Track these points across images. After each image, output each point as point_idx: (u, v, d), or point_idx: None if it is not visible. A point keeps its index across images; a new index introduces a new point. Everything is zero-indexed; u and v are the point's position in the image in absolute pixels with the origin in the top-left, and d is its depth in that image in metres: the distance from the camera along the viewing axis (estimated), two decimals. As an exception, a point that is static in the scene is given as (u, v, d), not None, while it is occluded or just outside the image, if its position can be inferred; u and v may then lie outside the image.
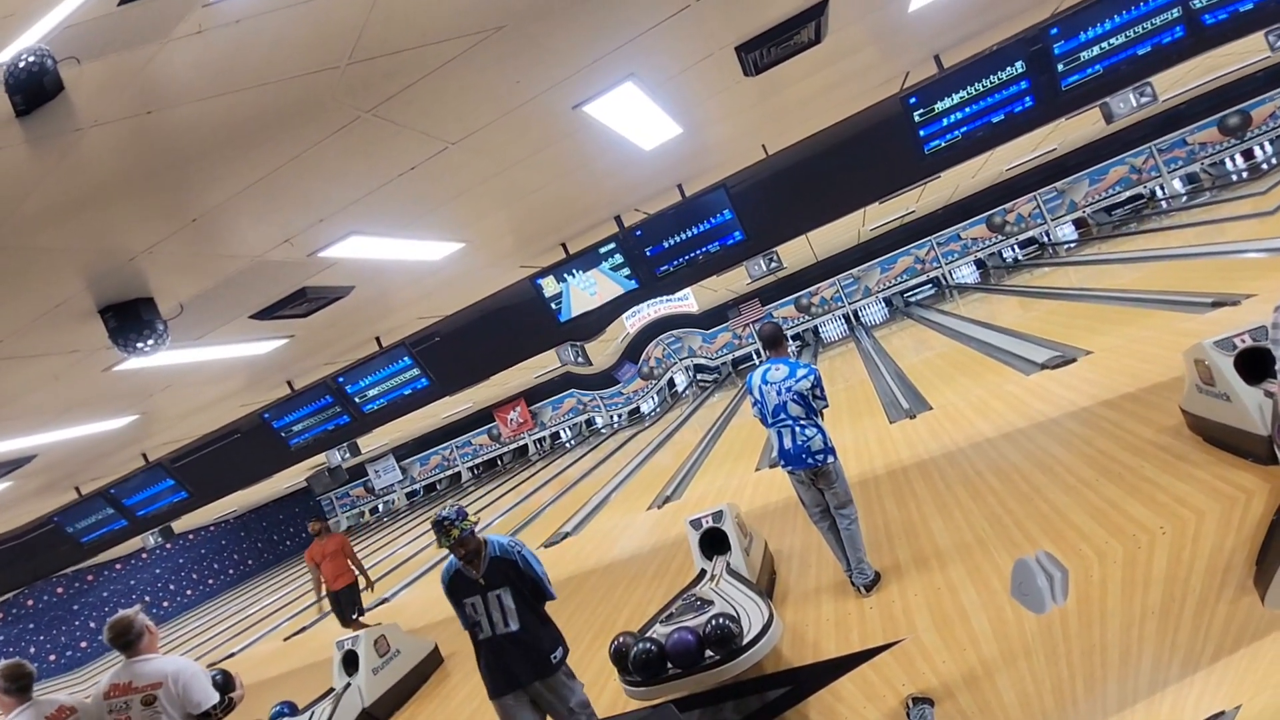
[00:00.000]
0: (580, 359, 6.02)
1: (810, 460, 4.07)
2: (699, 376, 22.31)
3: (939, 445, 6.25)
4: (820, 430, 4.12)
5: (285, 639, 10.07)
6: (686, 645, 3.37)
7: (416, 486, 25.77)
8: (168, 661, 3.16)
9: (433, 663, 5.78)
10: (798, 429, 4.10)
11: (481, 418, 24.11)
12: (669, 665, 3.39)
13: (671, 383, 22.66)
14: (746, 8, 2.97)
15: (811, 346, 20.00)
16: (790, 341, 4.30)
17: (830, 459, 4.10)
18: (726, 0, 2.80)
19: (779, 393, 4.16)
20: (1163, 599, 2.99)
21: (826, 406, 4.23)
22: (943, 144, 4.57)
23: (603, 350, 16.37)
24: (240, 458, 6.93)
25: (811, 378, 4.16)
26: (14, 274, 2.64)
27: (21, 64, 1.70)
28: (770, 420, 4.21)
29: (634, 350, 22.09)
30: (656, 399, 22.76)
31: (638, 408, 22.83)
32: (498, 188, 3.89)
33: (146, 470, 7.02)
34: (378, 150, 2.87)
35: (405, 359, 5.94)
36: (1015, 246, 19.83)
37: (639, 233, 5.15)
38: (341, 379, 6.13)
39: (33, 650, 17.59)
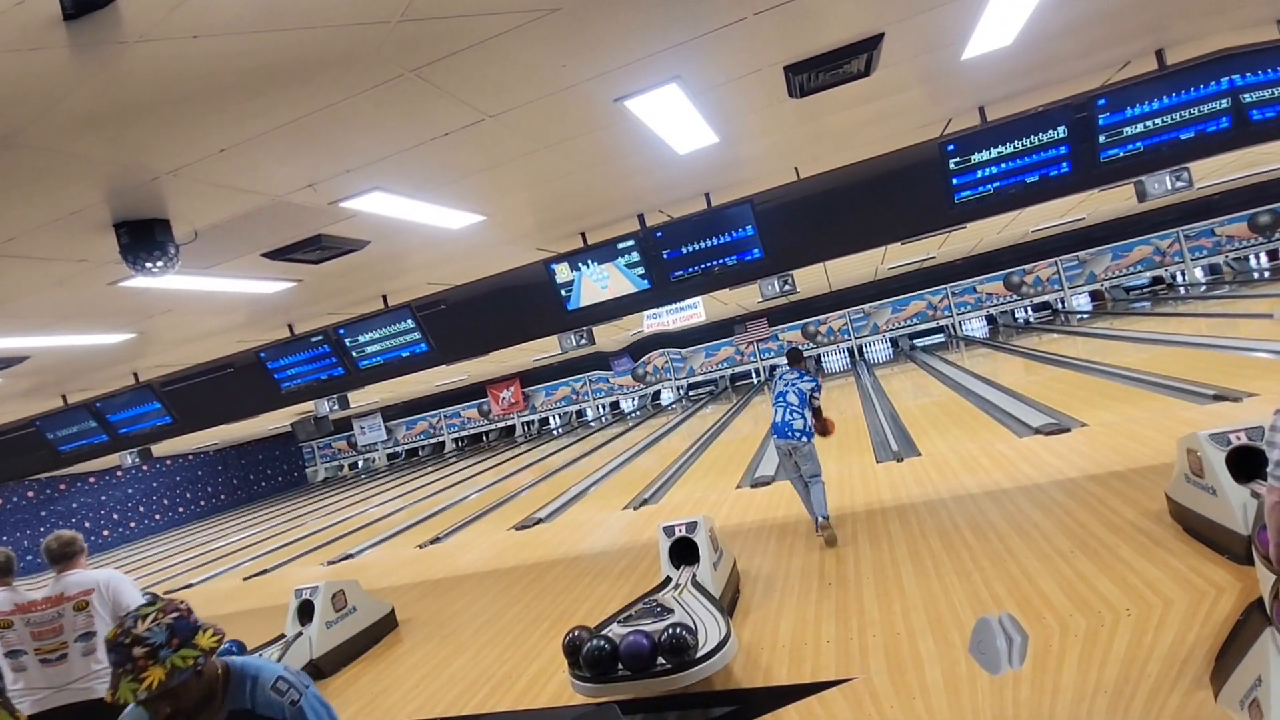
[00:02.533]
0: (583, 341, 6.03)
1: (790, 435, 5.48)
2: (690, 393, 22.36)
3: (921, 492, 6.25)
4: (804, 419, 5.52)
5: (245, 578, 10.07)
6: (640, 649, 3.37)
7: (399, 449, 25.81)
8: (96, 572, 3.43)
9: (386, 625, 5.78)
10: (789, 412, 5.54)
11: (474, 392, 24.14)
12: (619, 666, 3.39)
13: (657, 394, 22.80)
14: (802, 30, 2.97)
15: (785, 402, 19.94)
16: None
17: (805, 440, 5.47)
18: (783, 19, 2.80)
19: (786, 385, 5.71)
20: (1117, 680, 2.99)
21: (819, 404, 5.63)
22: (973, 195, 4.58)
23: (611, 335, 16.36)
24: (230, 392, 6.95)
25: (812, 384, 5.69)
26: (37, 174, 2.64)
27: (77, -32, 1.70)
28: (774, 401, 5.73)
29: (639, 349, 22.14)
30: (638, 401, 22.89)
31: (618, 402, 22.96)
32: (527, 167, 3.90)
33: (135, 390, 7.04)
34: (415, 111, 2.87)
35: (408, 321, 5.95)
36: (1028, 308, 19.86)
37: (660, 234, 5.15)
38: (342, 331, 6.14)
39: (-6, 549, 17.59)
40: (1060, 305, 19.33)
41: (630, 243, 5.20)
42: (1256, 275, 17.10)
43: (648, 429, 16.95)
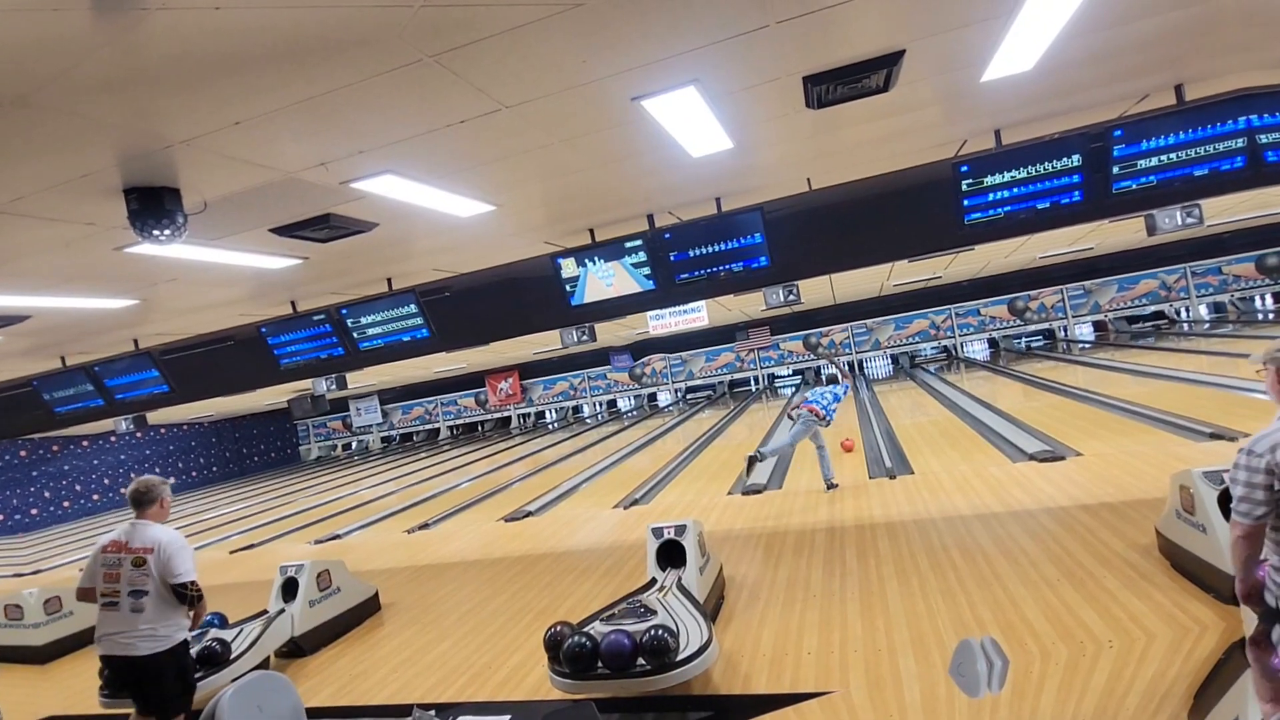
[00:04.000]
0: (585, 337, 6.03)
1: (825, 411, 7.29)
2: (688, 396, 22.41)
3: (912, 510, 6.25)
4: (825, 410, 7.27)
5: (231, 551, 10.07)
6: (620, 648, 3.37)
7: (393, 433, 25.81)
8: (162, 531, 3.47)
9: (369, 608, 5.78)
10: (824, 400, 7.35)
11: (472, 381, 24.15)
12: (599, 664, 3.39)
13: (654, 395, 22.89)
14: (823, 41, 2.97)
15: (810, 385, 20.01)
16: (825, 384, 8.12)
17: (829, 416, 7.32)
18: (805, 29, 2.80)
19: (824, 389, 7.55)
20: (1095, 711, 2.99)
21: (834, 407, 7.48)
22: (983, 218, 4.58)
23: (615, 332, 16.37)
24: (229, 364, 6.95)
25: (844, 388, 7.68)
26: (51, 135, 2.64)
27: (104, -68, 1.70)
28: (810, 396, 7.49)
29: (640, 349, 22.16)
30: (635, 401, 22.96)
31: (615, 401, 23.02)
32: (540, 160, 3.90)
33: (134, 356, 7.04)
34: (432, 96, 2.87)
35: (411, 305, 5.95)
36: (1028, 333, 19.90)
37: (668, 235, 5.16)
38: (345, 311, 6.14)
39: (-18, 506, 17.61)
40: (1063, 333, 19.33)
41: (638, 242, 5.19)
42: (1261, 316, 17.10)
43: (643, 429, 16.95)
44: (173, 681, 3.45)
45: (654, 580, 4.45)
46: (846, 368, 7.17)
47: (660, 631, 3.40)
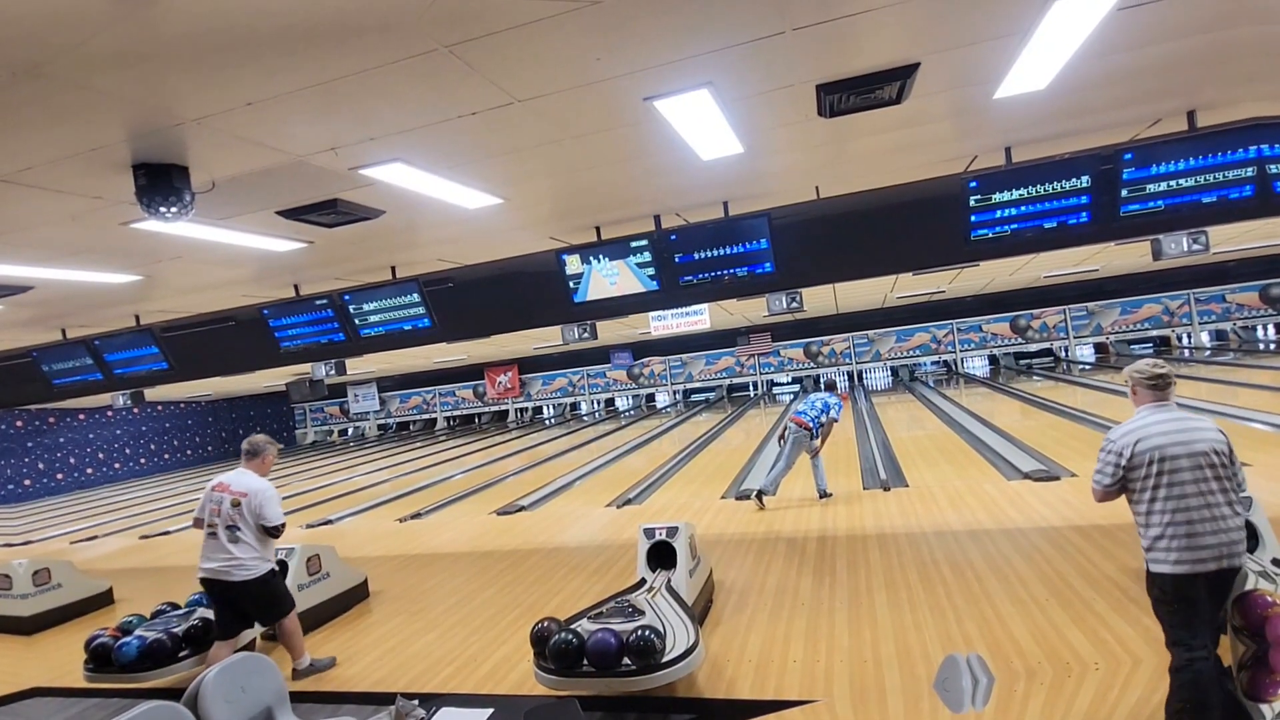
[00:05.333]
0: (585, 334, 6.03)
1: (812, 424, 7.28)
2: (689, 398, 22.44)
3: (904, 523, 6.25)
4: (815, 423, 7.27)
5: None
6: (607, 647, 3.36)
7: (390, 421, 25.83)
8: (256, 480, 4.18)
9: (358, 595, 5.78)
10: (811, 407, 7.40)
11: (471, 372, 24.16)
12: (585, 662, 3.39)
13: (651, 397, 22.92)
14: (839, 51, 2.97)
15: (808, 393, 20.02)
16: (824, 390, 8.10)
17: (816, 429, 7.30)
18: (821, 38, 2.80)
19: (817, 398, 7.53)
20: (1078, 732, 2.99)
21: (828, 423, 7.40)
22: (990, 235, 4.58)
23: (617, 330, 16.38)
24: (230, 345, 6.96)
25: (838, 404, 7.46)
26: (63, 106, 2.64)
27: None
28: (803, 404, 7.55)
29: (641, 348, 22.18)
30: (633, 401, 22.99)
31: (613, 399, 23.09)
32: (550, 155, 3.90)
33: (135, 332, 7.04)
34: (445, 87, 2.87)
35: (414, 295, 5.95)
36: (1029, 353, 19.93)
37: (674, 237, 5.16)
38: (348, 297, 6.14)
39: (-24, 474, 17.60)
40: (1064, 354, 19.34)
41: (643, 242, 5.20)
42: (1262, 346, 17.11)
43: (640, 429, 16.96)
44: (265, 600, 4.18)
45: (643, 581, 4.45)
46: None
47: (647, 632, 3.40)
